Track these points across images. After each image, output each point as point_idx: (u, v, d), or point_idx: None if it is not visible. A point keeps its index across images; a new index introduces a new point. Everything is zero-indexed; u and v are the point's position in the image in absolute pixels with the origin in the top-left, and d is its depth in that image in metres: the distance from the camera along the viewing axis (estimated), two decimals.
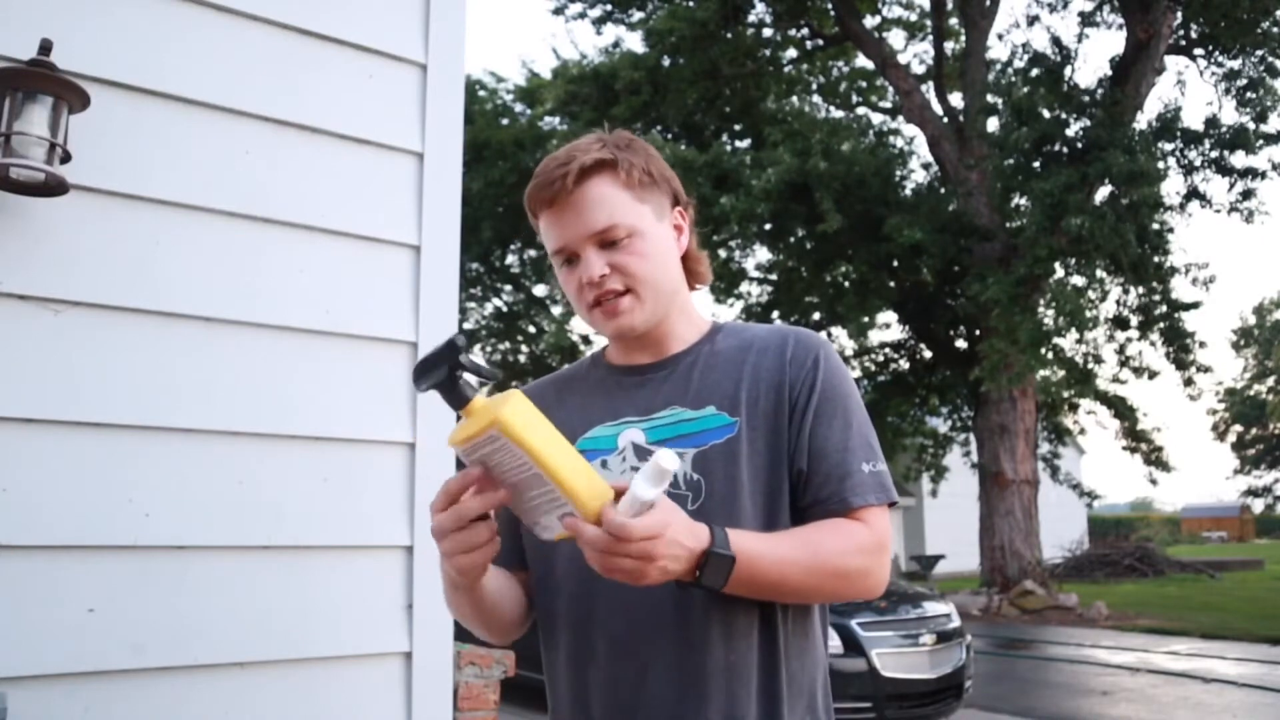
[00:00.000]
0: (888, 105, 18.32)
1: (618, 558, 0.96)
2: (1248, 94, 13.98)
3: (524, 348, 24.32)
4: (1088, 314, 13.12)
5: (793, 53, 18.22)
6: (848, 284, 16.82)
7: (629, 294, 1.19)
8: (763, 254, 18.34)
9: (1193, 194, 14.35)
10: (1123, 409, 17.04)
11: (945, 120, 15.90)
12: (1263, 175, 14.15)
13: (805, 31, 17.51)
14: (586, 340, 18.95)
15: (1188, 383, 15.67)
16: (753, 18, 16.78)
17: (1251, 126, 13.75)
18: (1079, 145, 13.42)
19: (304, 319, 1.85)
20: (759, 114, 17.26)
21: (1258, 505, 47.02)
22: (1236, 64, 14.26)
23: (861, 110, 19.01)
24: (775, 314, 17.74)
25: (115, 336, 1.66)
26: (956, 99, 16.69)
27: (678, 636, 1.12)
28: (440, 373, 0.96)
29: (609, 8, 17.26)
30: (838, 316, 16.69)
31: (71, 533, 1.58)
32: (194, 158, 1.77)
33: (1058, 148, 13.66)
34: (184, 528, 1.67)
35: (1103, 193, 13.47)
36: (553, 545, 1.19)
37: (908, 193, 16.40)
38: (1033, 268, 12.84)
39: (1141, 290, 14.66)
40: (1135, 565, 20.05)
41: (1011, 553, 14.66)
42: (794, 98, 18.73)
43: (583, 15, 17.49)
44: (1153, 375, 15.68)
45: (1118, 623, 12.90)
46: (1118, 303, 15.04)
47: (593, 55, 18.28)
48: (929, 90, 16.65)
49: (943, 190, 16.16)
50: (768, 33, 17.36)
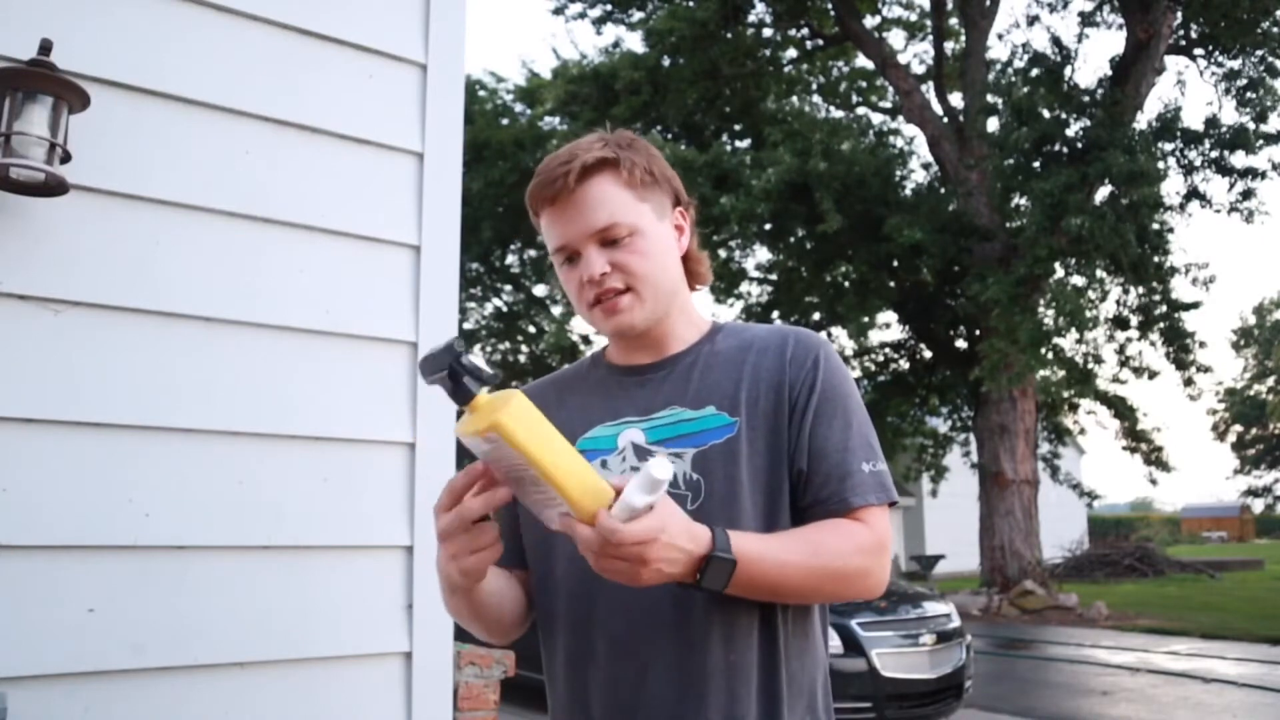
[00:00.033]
0: (888, 105, 18.33)
1: (610, 559, 0.98)
2: (1248, 94, 13.99)
3: (524, 348, 24.31)
4: (1088, 314, 13.12)
5: (793, 53, 18.22)
6: (848, 284, 16.83)
7: (629, 292, 1.19)
8: (763, 254, 18.38)
9: (1193, 194, 14.35)
10: (1123, 409, 17.05)
11: (945, 120, 15.90)
12: (1263, 175, 14.16)
13: (805, 31, 17.52)
14: (586, 340, 18.95)
15: (1188, 383, 15.68)
16: (753, 18, 16.78)
17: (1251, 126, 13.76)
18: (1079, 145, 13.42)
19: (304, 319, 1.85)
20: (759, 114, 17.27)
21: (1258, 505, 47.07)
22: (1236, 64, 14.27)
23: (861, 110, 19.03)
24: (775, 314, 17.74)
25: (115, 336, 1.66)
26: (956, 99, 16.69)
27: (678, 636, 1.12)
28: (442, 372, 0.97)
29: (609, 8, 17.26)
30: (838, 316, 16.69)
31: (71, 533, 1.58)
32: (194, 158, 1.77)
33: (1058, 148, 13.67)
34: (184, 528, 1.67)
35: (1103, 193, 13.47)
36: (552, 546, 1.20)
37: (908, 193, 16.40)
38: (1033, 268, 12.85)
39: (1141, 290, 14.66)
40: (1135, 565, 20.05)
41: (1011, 553, 14.66)
42: (794, 98, 18.74)
43: (583, 15, 17.50)
44: (1153, 375, 15.69)
45: (1118, 623, 12.90)
46: (1118, 303, 15.06)
47: (593, 55, 18.31)
48: (929, 90, 16.65)
49: (943, 190, 16.16)
50: (768, 33, 17.36)
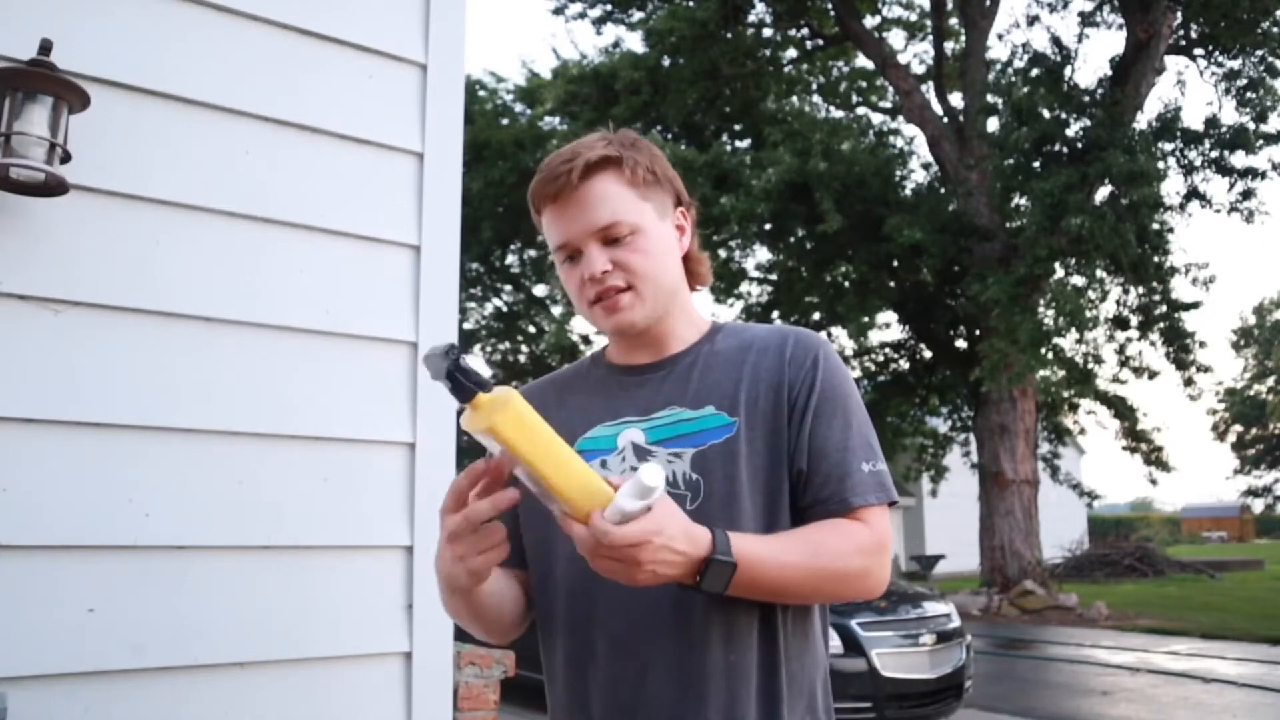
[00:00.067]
0: (888, 105, 18.33)
1: (604, 560, 0.99)
2: (1248, 94, 13.98)
3: (524, 348, 24.32)
4: (1088, 314, 13.12)
5: (793, 53, 18.22)
6: (848, 284, 16.83)
7: (630, 290, 1.19)
8: (763, 254, 18.38)
9: (1193, 194, 14.35)
10: (1123, 409, 17.05)
11: (945, 120, 15.90)
12: (1263, 175, 14.16)
13: (805, 31, 17.52)
14: (586, 340, 18.95)
15: (1188, 383, 15.68)
16: (753, 18, 16.79)
17: (1251, 126, 13.76)
18: (1079, 145, 13.42)
19: (304, 319, 1.85)
20: (759, 114, 17.26)
21: (1258, 505, 47.07)
22: (1236, 64, 14.27)
23: (861, 110, 19.03)
24: (775, 314, 17.74)
25: (115, 336, 1.66)
26: (956, 99, 16.69)
27: (677, 637, 1.12)
28: (441, 373, 0.98)
29: (609, 8, 17.26)
30: (838, 316, 16.69)
31: (71, 533, 1.58)
32: (194, 158, 1.77)
33: (1058, 148, 13.66)
34: (184, 528, 1.67)
35: (1103, 193, 13.47)
36: (552, 546, 1.20)
37: (908, 193, 16.40)
38: (1033, 268, 12.85)
39: (1141, 290, 14.66)
40: (1135, 565, 20.04)
41: (1011, 553, 14.66)
42: (794, 98, 18.74)
43: (583, 15, 17.50)
44: (1153, 375, 15.69)
45: (1118, 623, 12.90)
46: (1118, 303, 15.06)
47: (593, 55, 18.31)
48: (929, 90, 16.65)
49: (943, 190, 16.16)
50: (768, 33, 17.36)
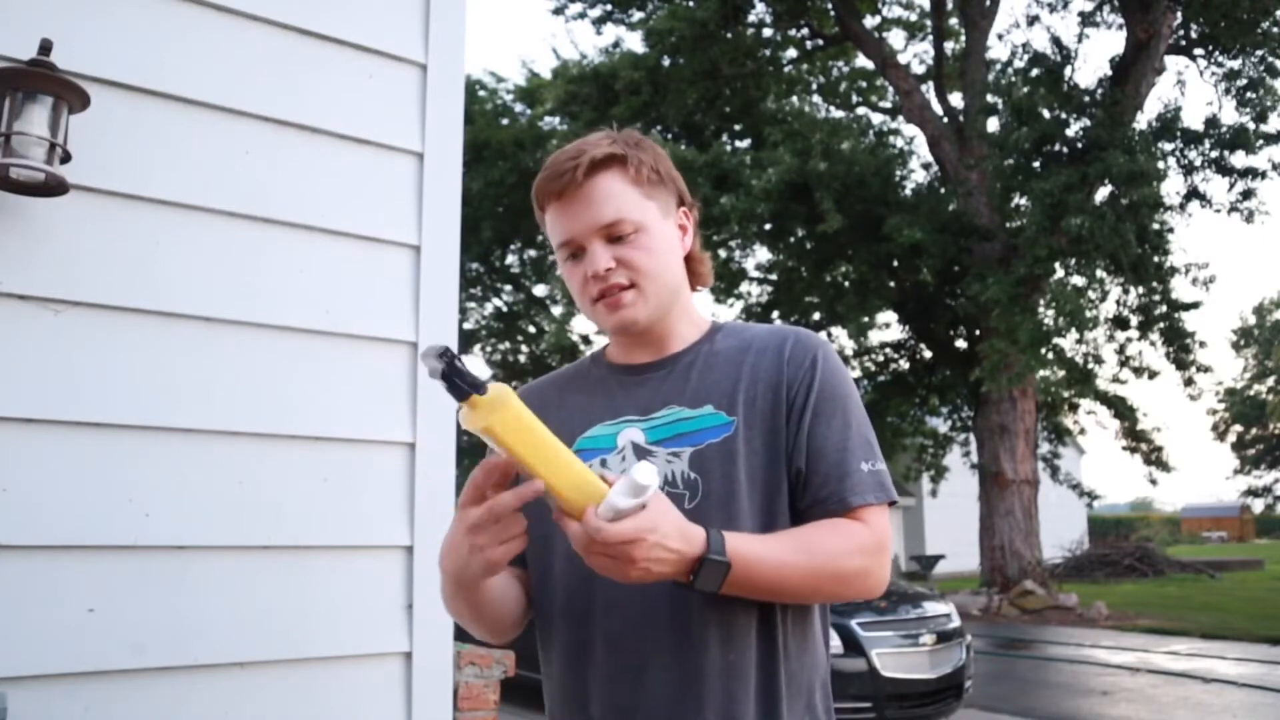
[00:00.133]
0: (888, 105, 18.33)
1: (597, 556, 1.00)
2: (1248, 94, 13.98)
3: (524, 348, 24.32)
4: (1088, 314, 13.12)
5: (793, 53, 18.22)
6: (848, 284, 16.83)
7: (633, 288, 1.20)
8: (763, 254, 18.39)
9: (1193, 194, 14.35)
10: (1123, 409, 17.05)
11: (945, 120, 15.90)
12: (1263, 175, 14.15)
13: (805, 31, 17.52)
14: (586, 340, 18.96)
15: (1188, 383, 15.68)
16: (753, 18, 16.78)
17: (1251, 126, 13.75)
18: (1079, 145, 13.42)
19: (304, 319, 1.85)
20: (759, 114, 17.27)
21: (1258, 505, 47.05)
22: (1236, 64, 14.26)
23: (861, 110, 19.03)
24: (775, 314, 17.75)
25: (115, 336, 1.66)
26: (956, 99, 16.69)
27: (675, 636, 1.12)
28: (436, 374, 0.98)
29: (609, 8, 17.26)
30: (838, 316, 16.69)
31: (71, 533, 1.58)
32: (194, 158, 1.77)
33: (1058, 148, 13.66)
34: (184, 528, 1.67)
35: (1103, 193, 13.47)
36: (551, 544, 1.20)
37: (908, 193, 16.41)
38: (1033, 268, 12.85)
39: (1141, 290, 14.66)
40: (1135, 565, 20.04)
41: (1011, 553, 14.66)
42: (794, 98, 18.74)
43: (583, 15, 17.50)
44: (1153, 375, 15.68)
45: (1118, 623, 12.90)
46: (1118, 303, 15.06)
47: (593, 55, 18.30)
48: (929, 90, 16.65)
49: (943, 190, 16.16)
50: (768, 33, 17.36)
